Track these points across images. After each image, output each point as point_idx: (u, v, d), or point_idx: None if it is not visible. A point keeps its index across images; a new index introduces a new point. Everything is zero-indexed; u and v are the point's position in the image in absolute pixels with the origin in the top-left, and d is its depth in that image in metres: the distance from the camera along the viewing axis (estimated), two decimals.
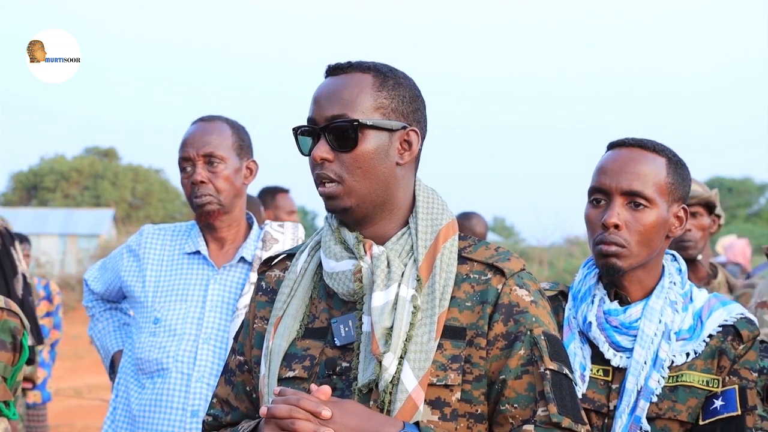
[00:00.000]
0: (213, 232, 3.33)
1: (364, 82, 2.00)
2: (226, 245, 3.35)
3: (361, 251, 2.00)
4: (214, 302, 3.25)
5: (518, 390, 1.94)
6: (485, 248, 2.05)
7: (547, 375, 1.94)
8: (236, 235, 3.36)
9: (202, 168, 3.26)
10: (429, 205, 2.05)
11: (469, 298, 1.99)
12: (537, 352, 1.95)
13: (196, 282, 3.29)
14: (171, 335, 3.21)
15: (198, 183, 3.25)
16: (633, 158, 2.41)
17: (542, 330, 1.97)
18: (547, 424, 1.91)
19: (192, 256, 3.33)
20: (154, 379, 3.21)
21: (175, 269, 3.32)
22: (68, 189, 39.65)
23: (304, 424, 1.81)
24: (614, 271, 2.40)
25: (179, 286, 3.29)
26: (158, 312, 3.26)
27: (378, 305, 1.94)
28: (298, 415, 1.82)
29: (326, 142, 1.98)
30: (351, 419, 1.85)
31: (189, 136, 3.31)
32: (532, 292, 2.00)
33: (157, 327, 3.24)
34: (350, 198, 1.99)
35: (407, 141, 2.02)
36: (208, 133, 3.30)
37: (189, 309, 3.24)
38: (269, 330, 2.06)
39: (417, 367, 1.91)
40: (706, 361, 2.38)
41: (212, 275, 3.29)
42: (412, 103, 2.03)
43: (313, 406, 1.83)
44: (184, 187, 3.33)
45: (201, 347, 3.19)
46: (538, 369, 1.94)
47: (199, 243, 3.33)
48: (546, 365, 1.94)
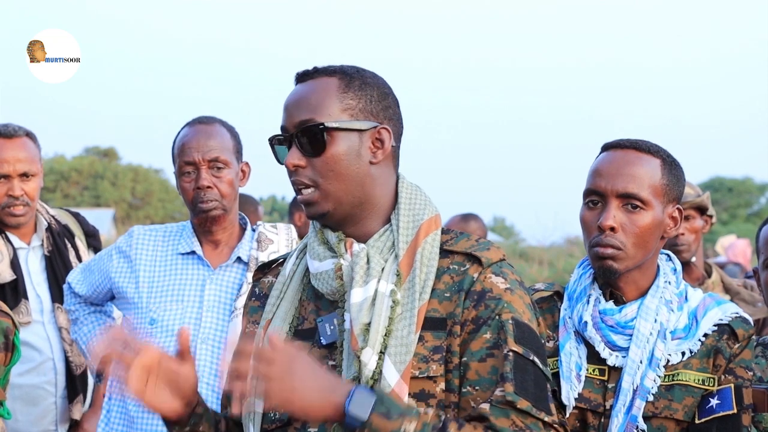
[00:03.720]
0: (209, 235, 3.32)
1: (329, 85, 2.02)
2: (221, 246, 3.34)
3: (342, 250, 2.02)
4: (211, 302, 3.24)
5: (481, 373, 1.93)
6: (466, 240, 2.06)
7: (509, 356, 1.93)
8: (230, 236, 3.35)
9: (207, 173, 3.24)
10: (411, 201, 2.06)
11: (448, 289, 2.00)
12: (503, 336, 1.94)
13: (192, 282, 3.28)
14: (168, 336, 3.20)
15: (204, 188, 3.23)
16: (628, 160, 2.42)
17: (512, 316, 1.96)
18: (502, 404, 1.89)
19: (186, 257, 3.32)
20: None
21: (170, 270, 3.30)
22: (68, 189, 39.62)
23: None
24: (611, 274, 2.41)
25: (175, 287, 3.27)
26: (154, 313, 3.24)
27: (356, 301, 1.95)
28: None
29: (297, 149, 2.01)
30: (302, 367, 1.83)
31: (191, 140, 3.27)
32: (509, 280, 2.00)
33: (153, 328, 3.22)
34: (327, 202, 2.01)
35: (379, 140, 2.03)
36: (212, 137, 3.28)
37: (186, 309, 3.23)
38: (258, 333, 2.08)
39: (398, 361, 1.92)
40: (702, 360, 2.38)
41: (208, 275, 3.28)
42: (381, 102, 2.05)
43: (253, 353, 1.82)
44: (184, 192, 3.29)
45: (199, 347, 3.18)
46: (501, 351, 1.93)
47: (194, 243, 3.32)
48: (509, 347, 1.93)
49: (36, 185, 3.67)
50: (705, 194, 3.95)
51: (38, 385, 3.58)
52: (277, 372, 1.81)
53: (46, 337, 3.59)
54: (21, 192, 3.61)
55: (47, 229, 3.74)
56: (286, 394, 1.81)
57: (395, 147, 2.07)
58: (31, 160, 3.65)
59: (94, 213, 35.86)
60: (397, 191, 2.08)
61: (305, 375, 1.83)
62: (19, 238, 3.69)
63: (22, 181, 3.62)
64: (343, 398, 1.82)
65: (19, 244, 3.68)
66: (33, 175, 3.65)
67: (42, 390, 3.60)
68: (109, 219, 35.01)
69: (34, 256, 3.71)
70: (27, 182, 3.64)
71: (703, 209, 3.93)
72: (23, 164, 3.62)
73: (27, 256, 3.69)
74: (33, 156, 3.66)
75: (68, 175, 39.72)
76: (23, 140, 3.66)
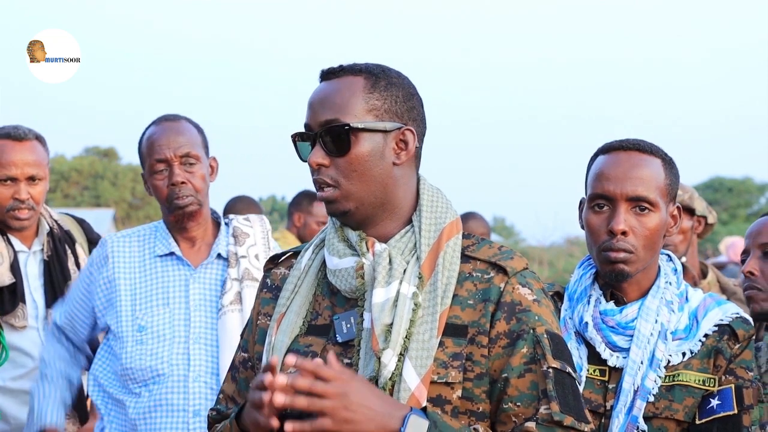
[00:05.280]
0: (184, 232, 3.30)
1: (355, 85, 2.01)
2: (197, 243, 3.32)
3: (364, 248, 2.01)
4: (197, 302, 3.23)
5: (521, 388, 1.95)
6: (488, 247, 2.06)
7: (549, 373, 1.95)
8: (205, 232, 3.33)
9: (179, 169, 3.23)
10: (433, 204, 2.06)
11: (471, 296, 1.99)
12: (540, 351, 1.96)
13: (174, 284, 3.25)
14: (160, 340, 3.18)
15: (179, 184, 3.22)
16: (634, 163, 2.41)
17: (545, 329, 1.98)
18: (548, 422, 1.92)
19: (165, 258, 3.29)
20: (150, 386, 3.16)
21: (150, 273, 3.27)
22: (68, 189, 39.65)
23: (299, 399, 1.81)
24: (622, 277, 2.40)
25: (159, 290, 3.24)
26: (141, 320, 3.20)
27: (378, 302, 1.95)
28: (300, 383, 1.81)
29: (321, 148, 2.00)
30: (356, 396, 1.83)
31: (160, 137, 3.25)
32: (534, 290, 2.01)
33: (143, 334, 3.19)
34: (348, 202, 2.00)
35: (403, 141, 2.02)
36: (180, 133, 3.27)
37: (173, 312, 3.21)
38: (272, 326, 2.07)
39: (419, 365, 1.92)
40: (702, 360, 2.38)
41: (191, 275, 3.26)
42: (407, 102, 2.04)
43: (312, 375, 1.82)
44: (157, 190, 3.26)
45: (192, 347, 3.17)
46: (540, 367, 1.95)
47: (171, 244, 3.29)
48: (549, 363, 1.95)
49: (42, 189, 3.66)
50: (687, 194, 3.89)
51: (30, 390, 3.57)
52: (331, 407, 1.81)
53: (40, 343, 3.56)
54: (27, 196, 3.59)
55: (49, 234, 3.73)
56: (340, 425, 1.82)
57: (418, 148, 2.06)
58: (39, 164, 3.63)
59: (94, 213, 35.85)
60: (419, 193, 2.07)
61: (360, 404, 1.82)
62: (20, 242, 3.67)
63: (29, 184, 3.61)
64: (397, 425, 1.83)
65: (20, 247, 3.66)
66: (40, 179, 3.64)
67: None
68: (109, 219, 35.01)
69: (34, 261, 3.69)
70: (34, 186, 3.62)
71: (690, 210, 3.91)
72: (31, 168, 3.61)
73: (27, 260, 3.67)
74: (41, 160, 3.65)
75: (68, 175, 39.73)
76: (32, 143, 3.64)
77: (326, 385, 1.82)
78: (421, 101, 2.09)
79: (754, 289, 2.84)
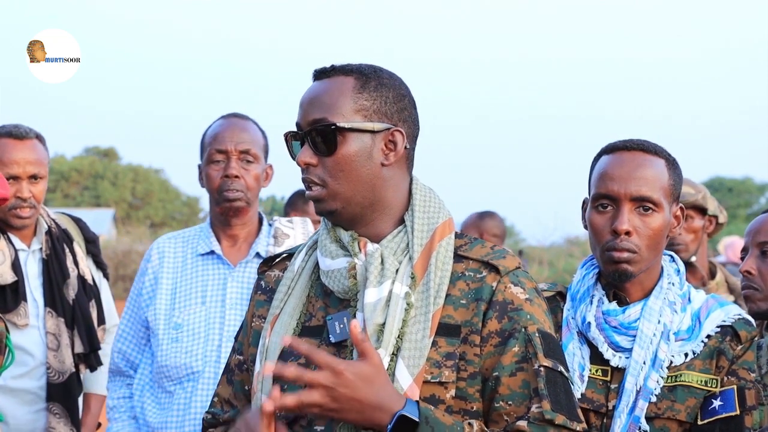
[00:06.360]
0: (228, 229, 3.34)
1: (345, 85, 2.01)
2: (239, 242, 3.35)
3: (356, 249, 2.01)
4: (234, 300, 3.25)
5: (512, 387, 1.95)
6: (481, 246, 2.06)
7: (541, 372, 1.95)
8: (249, 232, 3.37)
9: (237, 162, 3.27)
10: (425, 204, 2.06)
11: (464, 296, 2.00)
12: (531, 349, 1.96)
13: (213, 282, 3.29)
14: (196, 338, 3.21)
15: (232, 177, 3.25)
16: (638, 163, 2.41)
17: (537, 327, 1.98)
18: (540, 421, 1.92)
19: (206, 257, 3.33)
20: (184, 384, 3.19)
21: (191, 272, 3.31)
22: (68, 189, 39.69)
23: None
24: (626, 277, 2.40)
25: (197, 288, 3.28)
26: (177, 317, 3.24)
27: (370, 302, 1.95)
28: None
29: (309, 147, 2.01)
30: (345, 388, 1.83)
31: (224, 130, 3.30)
32: (527, 290, 2.01)
33: (179, 332, 3.22)
34: (335, 201, 2.01)
35: (392, 141, 2.02)
36: (245, 130, 3.32)
37: (210, 310, 3.24)
38: (266, 327, 2.08)
39: (411, 365, 1.92)
40: (705, 361, 2.38)
41: (229, 273, 3.30)
42: (397, 103, 2.04)
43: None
44: (210, 179, 3.30)
45: (225, 346, 3.18)
46: (532, 366, 1.95)
47: (213, 243, 3.33)
48: (540, 362, 1.95)
49: (43, 188, 3.69)
50: (700, 194, 3.87)
51: (31, 389, 3.58)
52: (318, 396, 1.82)
53: (41, 342, 3.58)
54: (29, 194, 3.62)
55: (47, 232, 3.74)
56: (327, 414, 1.85)
57: (409, 149, 2.06)
58: (40, 163, 3.66)
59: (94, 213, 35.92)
60: (411, 193, 2.07)
61: (349, 397, 1.83)
62: (20, 240, 3.68)
63: (31, 183, 3.63)
64: (386, 421, 1.84)
65: (20, 245, 3.67)
66: (41, 178, 3.66)
67: (34, 395, 3.60)
68: (109, 219, 35.06)
69: (33, 259, 3.70)
70: (35, 185, 3.64)
71: (702, 209, 3.88)
72: (33, 166, 3.63)
73: (26, 259, 3.68)
74: (42, 158, 3.68)
75: (68, 175, 39.78)
76: (33, 142, 3.67)
77: (315, 374, 1.83)
78: (414, 102, 2.09)
79: (751, 288, 2.83)
